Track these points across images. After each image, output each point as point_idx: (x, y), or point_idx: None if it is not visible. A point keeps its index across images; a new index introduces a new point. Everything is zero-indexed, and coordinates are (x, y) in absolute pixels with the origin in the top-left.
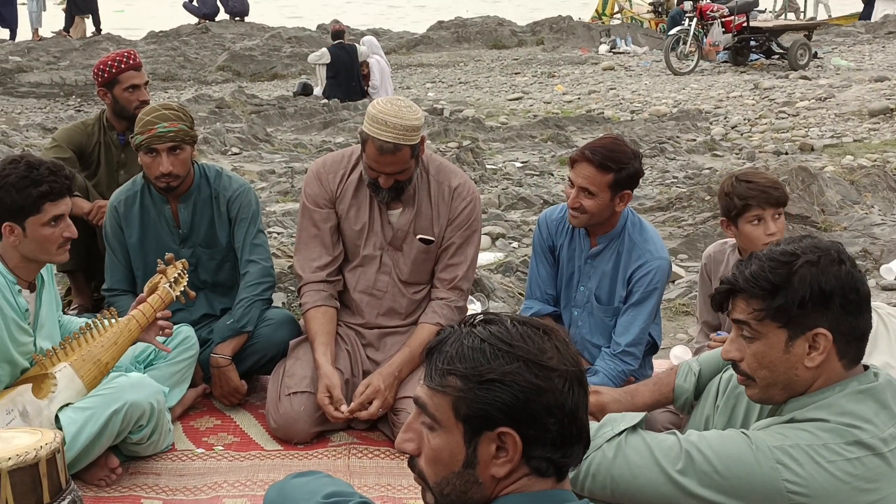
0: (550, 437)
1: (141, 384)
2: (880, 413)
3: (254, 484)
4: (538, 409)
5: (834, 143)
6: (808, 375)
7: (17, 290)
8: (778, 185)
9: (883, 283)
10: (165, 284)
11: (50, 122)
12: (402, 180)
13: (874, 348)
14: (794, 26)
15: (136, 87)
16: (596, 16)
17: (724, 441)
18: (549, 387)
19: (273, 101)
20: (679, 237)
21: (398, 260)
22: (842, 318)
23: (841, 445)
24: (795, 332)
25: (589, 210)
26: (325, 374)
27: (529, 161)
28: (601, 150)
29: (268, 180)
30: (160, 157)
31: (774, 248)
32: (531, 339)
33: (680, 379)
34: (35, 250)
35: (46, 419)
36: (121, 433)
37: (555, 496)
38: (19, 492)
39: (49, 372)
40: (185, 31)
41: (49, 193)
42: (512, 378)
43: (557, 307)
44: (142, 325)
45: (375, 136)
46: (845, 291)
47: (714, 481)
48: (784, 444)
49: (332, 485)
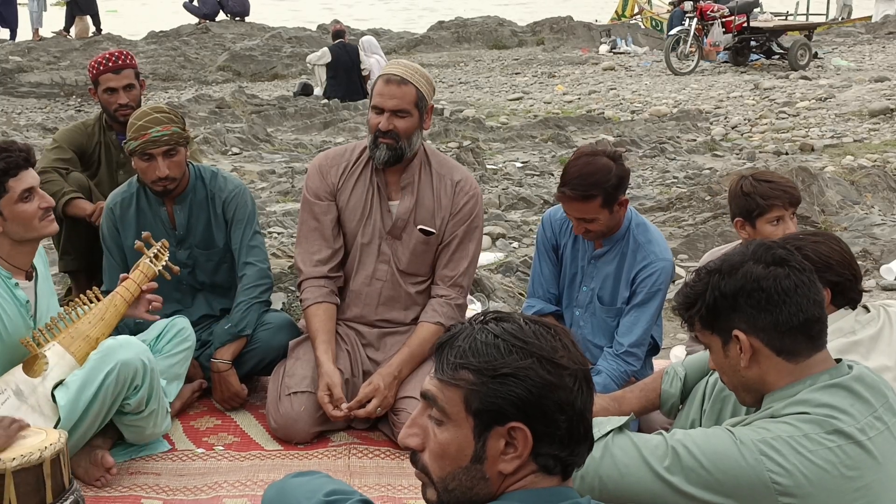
0: (560, 434)
1: (128, 343)
2: (855, 404)
3: (254, 484)
4: (550, 405)
5: (834, 144)
6: (751, 375)
7: (13, 283)
8: (794, 185)
9: (883, 284)
10: (146, 259)
11: (50, 122)
12: (402, 131)
13: (873, 350)
14: (794, 27)
15: (114, 91)
16: (616, 17)
17: (708, 438)
18: (561, 384)
19: (273, 101)
20: (679, 237)
21: (397, 249)
22: (757, 315)
23: (821, 435)
24: (725, 337)
25: (596, 231)
26: (325, 372)
27: (530, 161)
28: (577, 182)
29: (268, 180)
30: (156, 161)
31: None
32: (544, 338)
33: (666, 384)
34: (21, 230)
35: (42, 396)
36: (117, 397)
37: (560, 493)
38: (23, 492)
39: (39, 352)
40: (185, 31)
41: (8, 170)
42: (526, 373)
43: (559, 306)
44: (126, 299)
45: (385, 72)
46: (748, 291)
47: (701, 477)
48: (766, 437)
49: (332, 484)
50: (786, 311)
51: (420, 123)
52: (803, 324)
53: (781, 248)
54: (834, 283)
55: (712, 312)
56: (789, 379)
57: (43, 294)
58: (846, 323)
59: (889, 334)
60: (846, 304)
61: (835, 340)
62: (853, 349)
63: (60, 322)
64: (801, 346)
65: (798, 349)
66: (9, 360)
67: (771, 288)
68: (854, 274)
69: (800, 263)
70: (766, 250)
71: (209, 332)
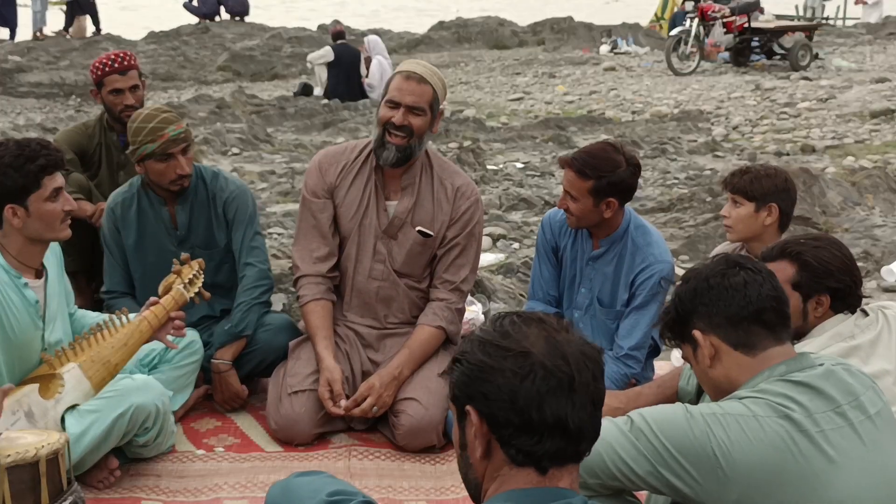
0: (510, 418)
1: (146, 386)
2: (814, 399)
3: (254, 485)
4: (487, 388)
5: (835, 145)
6: (717, 374)
7: (22, 283)
8: (763, 174)
9: (884, 285)
10: (180, 286)
11: (50, 122)
12: (416, 128)
13: (872, 354)
14: (795, 27)
15: (120, 92)
16: (655, 19)
17: (663, 409)
18: (500, 366)
19: (273, 101)
20: (680, 238)
21: (392, 248)
22: (711, 312)
23: (772, 418)
24: (693, 343)
25: (574, 213)
26: (326, 367)
27: (530, 162)
28: (583, 157)
29: (268, 181)
30: (176, 160)
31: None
32: (516, 326)
33: (683, 381)
34: (40, 228)
35: (52, 420)
36: (126, 435)
37: (552, 493)
38: (17, 490)
39: (57, 372)
40: (185, 31)
41: (46, 166)
42: (465, 356)
43: (560, 308)
44: (153, 326)
45: (404, 69)
46: (700, 291)
47: (650, 443)
48: (717, 412)
49: (335, 484)
50: (736, 304)
51: (431, 125)
52: (755, 314)
53: (739, 255)
54: (834, 290)
55: (677, 321)
56: (750, 373)
57: (53, 294)
58: (845, 327)
59: (888, 338)
60: (845, 309)
61: (834, 345)
62: (853, 353)
63: (84, 342)
64: (756, 337)
65: (754, 341)
66: (17, 361)
67: (719, 285)
68: (854, 280)
69: (754, 266)
70: (721, 258)
71: (210, 332)
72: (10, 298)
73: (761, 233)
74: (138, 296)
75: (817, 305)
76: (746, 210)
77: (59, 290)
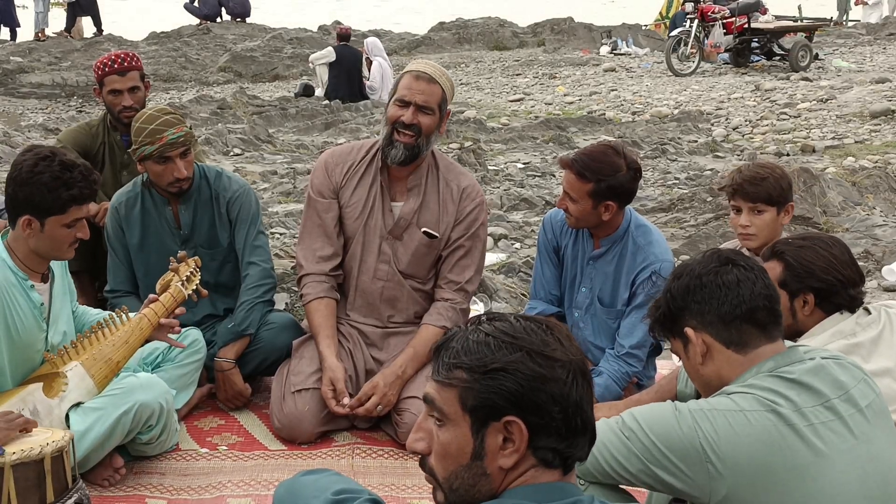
0: (555, 426)
1: (150, 384)
2: (802, 393)
3: (258, 483)
4: (542, 397)
5: (835, 145)
6: (709, 372)
7: (29, 285)
8: (766, 177)
9: (885, 285)
10: (178, 283)
11: (51, 122)
12: (425, 127)
13: (874, 352)
14: (795, 28)
15: (118, 92)
16: (660, 18)
17: (652, 407)
18: (553, 376)
19: (274, 101)
20: (681, 238)
21: (397, 249)
22: (703, 310)
23: (759, 411)
24: (684, 340)
25: (573, 214)
26: (329, 366)
27: (531, 162)
28: (584, 159)
29: (270, 181)
30: (174, 163)
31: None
32: (534, 332)
33: (681, 385)
34: (46, 247)
35: (57, 418)
36: (130, 433)
37: (562, 489)
38: (22, 487)
39: (60, 371)
40: (186, 31)
41: (78, 198)
42: (515, 367)
43: (561, 308)
44: (153, 324)
45: (413, 69)
46: (692, 288)
47: (639, 440)
48: (704, 407)
49: (342, 482)
50: (728, 302)
51: (438, 125)
52: (747, 313)
53: (731, 251)
54: (817, 289)
55: (669, 317)
56: (741, 370)
57: (57, 296)
58: (847, 325)
59: (890, 336)
60: (835, 309)
61: (835, 343)
62: (854, 351)
63: (86, 341)
64: (748, 335)
65: (746, 339)
66: (20, 362)
67: (712, 283)
68: (842, 279)
69: (746, 262)
70: (713, 253)
71: (213, 331)
72: (15, 299)
73: (779, 234)
74: (142, 295)
75: (804, 304)
76: (770, 215)
77: (63, 291)
